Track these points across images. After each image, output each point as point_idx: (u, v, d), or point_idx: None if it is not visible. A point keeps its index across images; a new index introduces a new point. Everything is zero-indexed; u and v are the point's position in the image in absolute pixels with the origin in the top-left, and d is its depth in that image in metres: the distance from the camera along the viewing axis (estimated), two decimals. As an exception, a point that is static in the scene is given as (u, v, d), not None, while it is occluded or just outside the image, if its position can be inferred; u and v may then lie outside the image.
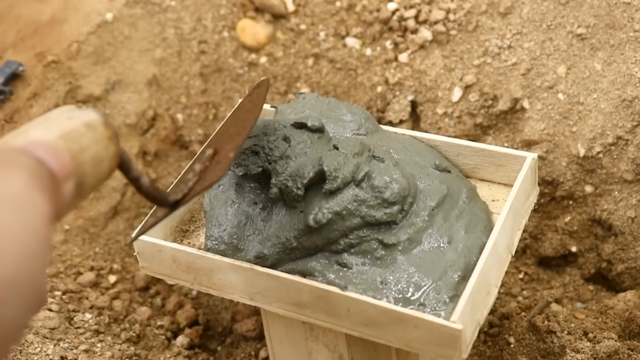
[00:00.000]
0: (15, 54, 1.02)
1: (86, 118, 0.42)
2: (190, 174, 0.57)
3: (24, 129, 0.40)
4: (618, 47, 0.94)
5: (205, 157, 0.60)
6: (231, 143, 0.61)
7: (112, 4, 1.07)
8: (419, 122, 1.05)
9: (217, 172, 0.56)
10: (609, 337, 0.81)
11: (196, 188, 0.56)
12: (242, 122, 0.65)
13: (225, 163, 0.57)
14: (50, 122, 0.40)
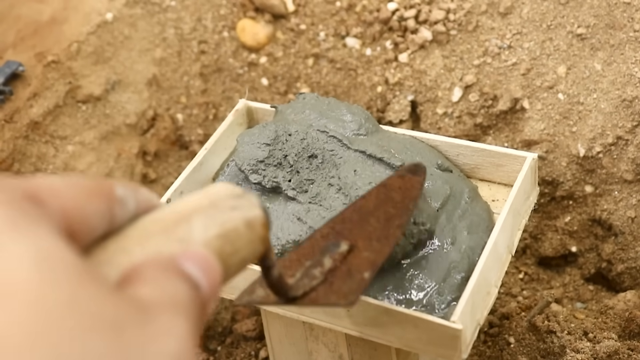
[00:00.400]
0: (15, 54, 1.02)
1: (249, 214, 0.36)
2: (318, 270, 0.51)
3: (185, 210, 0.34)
4: (618, 47, 0.94)
5: (338, 253, 0.53)
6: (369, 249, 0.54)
7: (112, 4, 1.07)
8: (419, 122, 1.05)
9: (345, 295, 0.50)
10: (609, 337, 0.81)
11: (319, 295, 0.49)
12: (386, 219, 0.58)
13: (358, 286, 0.50)
14: (214, 210, 0.35)
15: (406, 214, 0.59)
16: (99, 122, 1.04)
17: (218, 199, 0.36)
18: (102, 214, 0.31)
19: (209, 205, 0.35)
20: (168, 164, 1.11)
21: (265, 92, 1.12)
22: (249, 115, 0.84)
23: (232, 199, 0.36)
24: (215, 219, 0.34)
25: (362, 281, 0.51)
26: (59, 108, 1.01)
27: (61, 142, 1.01)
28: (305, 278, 0.50)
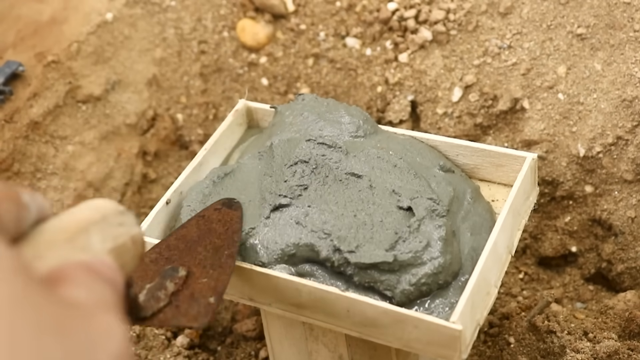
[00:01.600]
0: (15, 54, 1.02)
1: (133, 231, 0.40)
2: (162, 293, 0.55)
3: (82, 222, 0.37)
4: (618, 47, 0.94)
5: (178, 277, 0.57)
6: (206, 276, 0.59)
7: (112, 4, 1.07)
8: (419, 122, 1.05)
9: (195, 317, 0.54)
10: (609, 337, 0.81)
11: (167, 317, 0.54)
12: (214, 249, 0.63)
13: (206, 311, 0.55)
14: (106, 224, 0.38)
15: (234, 245, 0.64)
16: (99, 122, 1.04)
17: (108, 213, 0.39)
18: (14, 217, 0.33)
19: (101, 218, 0.38)
20: (168, 164, 1.11)
21: (265, 92, 1.12)
22: (248, 115, 0.84)
23: (118, 215, 0.40)
24: (108, 232, 0.38)
25: (209, 305, 0.56)
26: (59, 108, 1.01)
27: (61, 142, 1.01)
28: (152, 299, 0.54)
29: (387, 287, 0.62)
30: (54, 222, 0.36)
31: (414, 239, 0.63)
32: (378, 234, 0.64)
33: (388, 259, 0.61)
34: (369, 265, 0.62)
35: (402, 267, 0.62)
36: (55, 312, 0.27)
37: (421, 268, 0.62)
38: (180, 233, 0.66)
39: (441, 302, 0.63)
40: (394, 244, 0.63)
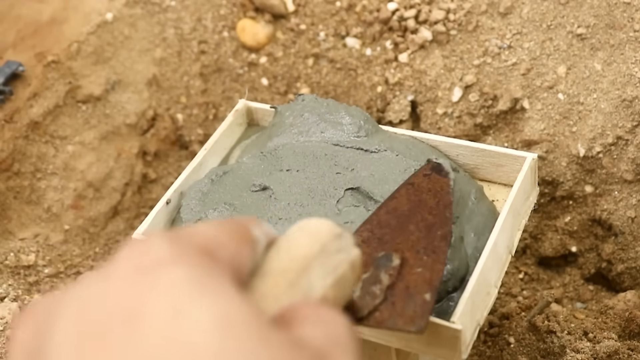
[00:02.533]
0: (15, 54, 1.02)
1: (351, 256, 0.37)
2: (377, 287, 0.49)
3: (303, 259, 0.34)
4: (618, 47, 0.94)
5: (392, 268, 0.52)
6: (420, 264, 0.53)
7: (112, 4, 1.07)
8: (419, 122, 1.05)
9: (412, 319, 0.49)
10: (609, 337, 0.81)
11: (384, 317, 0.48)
12: (426, 227, 0.57)
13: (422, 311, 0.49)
14: (325, 256, 0.35)
15: (447, 224, 0.57)
16: (99, 122, 1.04)
17: (326, 242, 0.35)
18: (252, 258, 0.31)
19: (320, 251, 0.35)
20: (168, 164, 1.11)
21: (265, 92, 1.12)
22: (248, 115, 0.84)
23: (336, 240, 0.36)
24: (327, 266, 0.35)
25: (425, 304, 0.50)
26: (59, 108, 1.01)
27: (61, 142, 1.01)
28: (367, 296, 0.49)
29: None
30: (275, 263, 0.33)
31: None
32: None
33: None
34: None
35: None
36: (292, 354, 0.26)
37: None
38: (391, 205, 0.59)
39: (447, 303, 0.62)
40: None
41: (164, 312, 0.25)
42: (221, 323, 0.25)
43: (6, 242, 0.94)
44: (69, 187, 1.00)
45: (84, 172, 1.01)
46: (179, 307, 0.25)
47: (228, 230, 0.31)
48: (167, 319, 0.25)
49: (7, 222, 0.96)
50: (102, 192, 1.02)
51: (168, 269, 0.26)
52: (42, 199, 0.98)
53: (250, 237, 0.32)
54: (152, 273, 0.26)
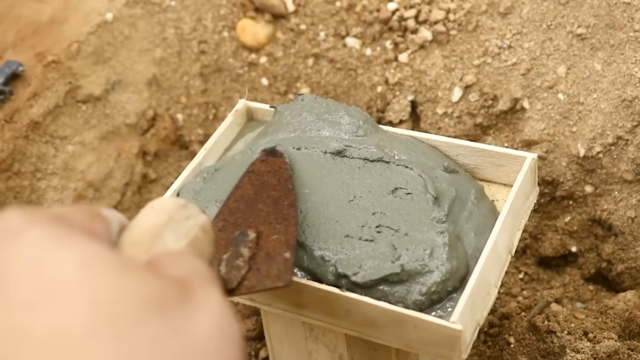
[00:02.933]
0: (15, 54, 1.02)
1: (200, 220, 0.41)
2: (240, 260, 0.54)
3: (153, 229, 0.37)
4: (618, 47, 0.94)
5: (250, 241, 0.57)
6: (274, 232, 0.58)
7: (112, 4, 1.07)
8: (419, 122, 1.05)
9: (278, 276, 0.54)
10: (609, 337, 0.81)
11: (252, 283, 0.53)
12: (273, 202, 0.63)
13: (285, 267, 0.55)
14: (174, 223, 0.39)
15: (291, 194, 0.63)
16: (99, 122, 1.04)
17: (172, 212, 0.39)
18: (105, 231, 0.34)
19: (168, 220, 0.39)
20: (168, 164, 1.11)
21: (265, 92, 1.12)
22: (248, 115, 0.84)
23: (182, 210, 0.40)
24: (179, 232, 0.38)
25: (286, 260, 0.55)
26: (59, 108, 1.01)
27: (61, 142, 1.01)
28: (233, 270, 0.54)
29: (398, 299, 0.61)
30: (128, 236, 0.37)
31: (416, 247, 0.63)
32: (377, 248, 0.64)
33: (396, 269, 0.61)
34: (377, 280, 0.61)
35: (410, 276, 0.62)
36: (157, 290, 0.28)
37: (429, 276, 0.62)
38: (238, 194, 0.65)
39: (451, 305, 0.62)
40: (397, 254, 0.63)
41: (28, 264, 0.27)
42: (81, 261, 0.27)
43: (6, 242, 0.94)
44: (69, 187, 1.00)
45: (84, 172, 1.01)
46: (41, 257, 0.27)
47: (78, 208, 0.33)
48: (31, 269, 0.27)
49: (7, 222, 0.96)
50: (102, 192, 1.02)
51: (25, 232, 0.28)
52: (42, 199, 0.98)
53: (100, 214, 0.34)
54: (9, 238, 0.28)
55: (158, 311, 0.27)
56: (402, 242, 0.63)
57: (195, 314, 0.28)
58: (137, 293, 0.27)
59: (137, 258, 0.34)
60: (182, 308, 0.28)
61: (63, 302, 0.25)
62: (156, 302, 0.27)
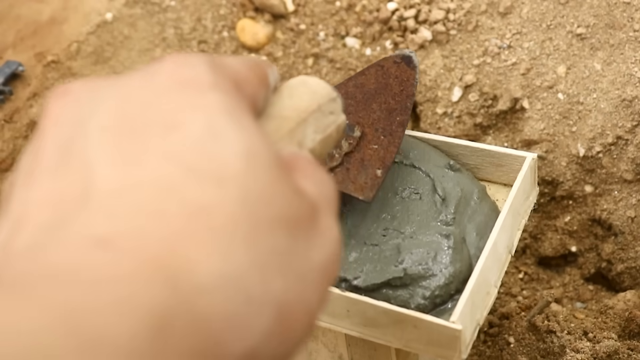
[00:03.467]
0: (15, 54, 1.02)
1: (339, 119, 0.40)
2: (336, 152, 0.53)
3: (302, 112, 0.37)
4: (618, 47, 0.94)
5: (353, 138, 0.55)
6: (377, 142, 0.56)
7: (112, 4, 1.07)
8: (418, 122, 1.05)
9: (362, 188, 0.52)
10: (609, 337, 0.81)
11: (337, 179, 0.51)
12: (388, 110, 0.60)
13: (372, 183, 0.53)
14: (320, 114, 0.38)
15: (406, 112, 0.61)
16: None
17: (323, 102, 0.39)
18: (265, 99, 0.34)
19: (317, 109, 0.38)
20: (168, 164, 1.11)
21: (265, 92, 1.12)
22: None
23: (331, 103, 0.39)
24: (320, 123, 0.38)
25: (376, 178, 0.54)
26: (58, 108, 1.01)
27: (61, 142, 1.01)
28: (327, 156, 0.52)
29: (401, 303, 0.61)
30: (277, 107, 0.36)
31: (420, 251, 0.63)
32: (381, 251, 0.64)
33: (399, 273, 0.61)
34: (380, 284, 0.61)
35: (413, 280, 0.62)
36: (296, 210, 0.28)
37: (433, 280, 0.62)
38: (359, 80, 0.63)
39: (452, 305, 0.62)
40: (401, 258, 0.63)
41: (200, 128, 0.27)
42: (249, 152, 0.27)
43: (6, 242, 0.94)
44: (68, 187, 1.00)
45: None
46: (214, 127, 0.27)
47: (253, 69, 0.33)
48: (202, 134, 0.27)
49: (7, 222, 0.96)
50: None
51: (207, 91, 0.28)
52: (42, 199, 0.98)
53: (267, 80, 0.34)
54: (193, 91, 0.28)
55: (289, 228, 0.27)
56: (407, 245, 0.63)
57: (314, 246, 0.28)
58: (281, 206, 0.27)
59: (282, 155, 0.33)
60: (307, 235, 0.28)
61: (220, 181, 0.26)
62: (291, 221, 0.27)
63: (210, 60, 0.30)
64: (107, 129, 0.27)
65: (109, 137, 0.27)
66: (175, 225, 0.25)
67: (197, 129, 0.27)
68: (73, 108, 0.28)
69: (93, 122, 0.27)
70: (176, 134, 0.27)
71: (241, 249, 0.25)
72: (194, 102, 0.28)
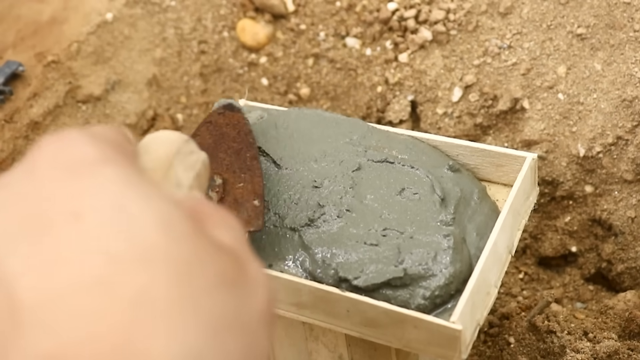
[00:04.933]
0: (15, 54, 1.02)
1: (202, 156, 0.41)
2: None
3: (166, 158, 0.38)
4: (618, 47, 0.94)
5: (217, 186, 0.58)
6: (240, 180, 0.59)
7: (112, 4, 1.07)
8: (419, 122, 1.05)
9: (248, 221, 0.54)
10: (609, 337, 0.81)
11: None
12: (235, 152, 0.63)
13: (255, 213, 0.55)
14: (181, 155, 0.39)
15: (253, 147, 0.64)
16: (99, 122, 1.04)
17: (179, 145, 0.40)
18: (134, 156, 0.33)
19: (177, 151, 0.39)
20: (168, 164, 1.11)
21: (265, 92, 1.12)
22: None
23: (187, 144, 0.41)
24: (186, 163, 0.39)
25: (256, 207, 0.57)
26: (59, 108, 1.01)
27: (61, 142, 1.01)
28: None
29: (401, 303, 0.61)
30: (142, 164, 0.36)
31: (420, 251, 0.63)
32: (381, 251, 0.63)
33: (399, 273, 0.61)
34: (380, 284, 0.61)
35: (413, 280, 0.61)
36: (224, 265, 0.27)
37: (433, 280, 0.61)
38: (196, 142, 0.64)
39: (452, 305, 0.62)
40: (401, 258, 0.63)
41: (106, 209, 0.25)
42: (162, 221, 0.26)
43: (6, 242, 0.95)
44: (69, 187, 1.00)
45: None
46: (120, 204, 0.26)
47: (117, 131, 0.32)
48: (110, 216, 0.25)
49: (7, 222, 0.96)
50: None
51: (100, 168, 0.27)
52: (42, 199, 0.98)
53: (131, 139, 0.34)
54: (84, 172, 0.27)
55: (225, 287, 0.26)
56: (407, 245, 0.63)
57: (251, 295, 0.28)
58: (211, 267, 0.26)
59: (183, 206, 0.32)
60: (241, 286, 0.27)
61: (147, 262, 0.25)
62: (224, 279, 0.27)
63: (86, 133, 0.29)
64: (10, 236, 0.25)
65: (16, 244, 0.25)
66: (118, 322, 0.23)
67: (104, 211, 0.25)
68: None
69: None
70: (83, 222, 0.25)
71: (190, 326, 0.24)
72: (89, 183, 0.26)
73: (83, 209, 0.25)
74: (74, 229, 0.25)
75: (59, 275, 0.24)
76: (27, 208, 0.26)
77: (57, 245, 0.25)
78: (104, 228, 0.25)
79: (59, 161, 0.27)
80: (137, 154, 0.34)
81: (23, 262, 0.24)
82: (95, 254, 0.24)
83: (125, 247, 0.25)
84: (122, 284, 0.24)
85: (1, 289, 0.24)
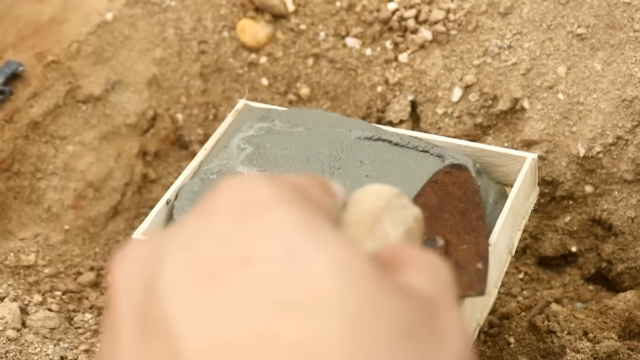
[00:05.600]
0: (15, 54, 1.02)
1: (414, 211, 0.39)
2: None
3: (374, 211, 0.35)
4: (618, 47, 0.94)
5: (438, 248, 0.56)
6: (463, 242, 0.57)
7: (112, 4, 1.07)
8: (419, 122, 1.05)
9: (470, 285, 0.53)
10: (609, 337, 0.81)
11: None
12: (460, 213, 0.61)
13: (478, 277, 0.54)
14: (392, 210, 0.37)
15: (479, 207, 0.61)
16: (99, 122, 1.04)
17: (390, 199, 0.37)
18: (334, 209, 0.31)
19: (386, 205, 0.37)
20: (168, 164, 1.11)
21: (265, 92, 1.12)
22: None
23: (398, 198, 0.38)
24: (396, 218, 0.36)
25: (479, 271, 0.54)
26: (59, 108, 1.01)
27: (61, 142, 1.01)
28: None
29: None
30: (349, 215, 0.35)
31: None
32: None
33: None
34: None
35: None
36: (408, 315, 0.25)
37: None
38: (420, 202, 0.63)
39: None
40: None
41: (276, 253, 0.24)
42: (337, 266, 0.24)
43: (6, 242, 0.94)
44: (69, 187, 1.00)
45: (84, 172, 1.01)
46: (291, 248, 0.24)
47: (313, 179, 0.30)
48: (280, 260, 0.24)
49: (7, 222, 0.96)
50: (102, 192, 1.02)
51: (273, 210, 0.25)
52: (42, 199, 0.98)
53: (331, 189, 0.31)
54: (257, 215, 0.25)
55: (408, 338, 0.24)
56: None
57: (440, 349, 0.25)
58: (392, 316, 0.24)
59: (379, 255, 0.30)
60: (429, 338, 0.25)
61: (317, 308, 0.23)
62: (406, 327, 0.24)
63: (266, 177, 0.27)
64: (178, 285, 0.24)
65: (182, 294, 0.24)
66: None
67: (273, 256, 0.24)
68: (137, 271, 0.26)
69: (163, 281, 0.24)
70: (252, 267, 0.24)
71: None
72: (260, 225, 0.25)
73: (253, 254, 0.24)
74: (242, 276, 0.24)
75: (223, 326, 0.23)
76: (198, 254, 0.25)
77: (224, 293, 0.23)
78: (273, 275, 0.24)
79: (232, 204, 0.26)
80: (337, 205, 0.32)
81: (188, 312, 0.23)
82: (261, 303, 0.23)
83: (294, 294, 0.23)
84: (290, 334, 0.22)
85: (167, 339, 0.23)
